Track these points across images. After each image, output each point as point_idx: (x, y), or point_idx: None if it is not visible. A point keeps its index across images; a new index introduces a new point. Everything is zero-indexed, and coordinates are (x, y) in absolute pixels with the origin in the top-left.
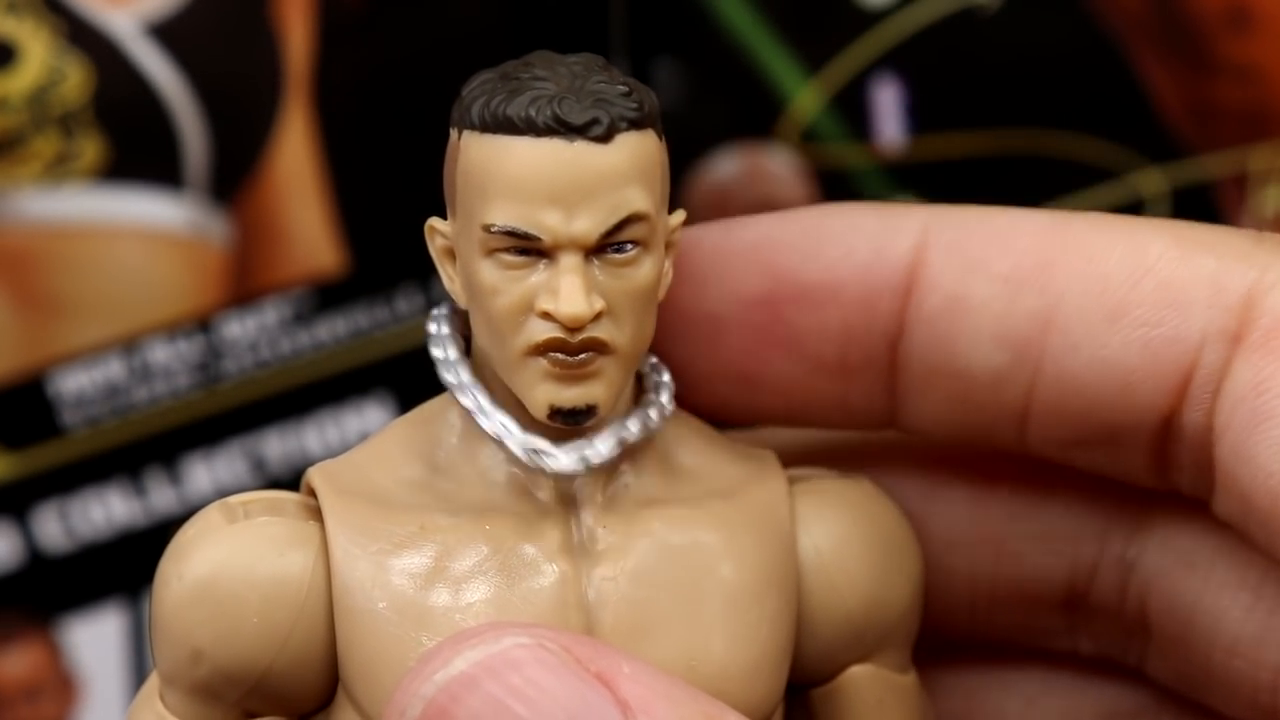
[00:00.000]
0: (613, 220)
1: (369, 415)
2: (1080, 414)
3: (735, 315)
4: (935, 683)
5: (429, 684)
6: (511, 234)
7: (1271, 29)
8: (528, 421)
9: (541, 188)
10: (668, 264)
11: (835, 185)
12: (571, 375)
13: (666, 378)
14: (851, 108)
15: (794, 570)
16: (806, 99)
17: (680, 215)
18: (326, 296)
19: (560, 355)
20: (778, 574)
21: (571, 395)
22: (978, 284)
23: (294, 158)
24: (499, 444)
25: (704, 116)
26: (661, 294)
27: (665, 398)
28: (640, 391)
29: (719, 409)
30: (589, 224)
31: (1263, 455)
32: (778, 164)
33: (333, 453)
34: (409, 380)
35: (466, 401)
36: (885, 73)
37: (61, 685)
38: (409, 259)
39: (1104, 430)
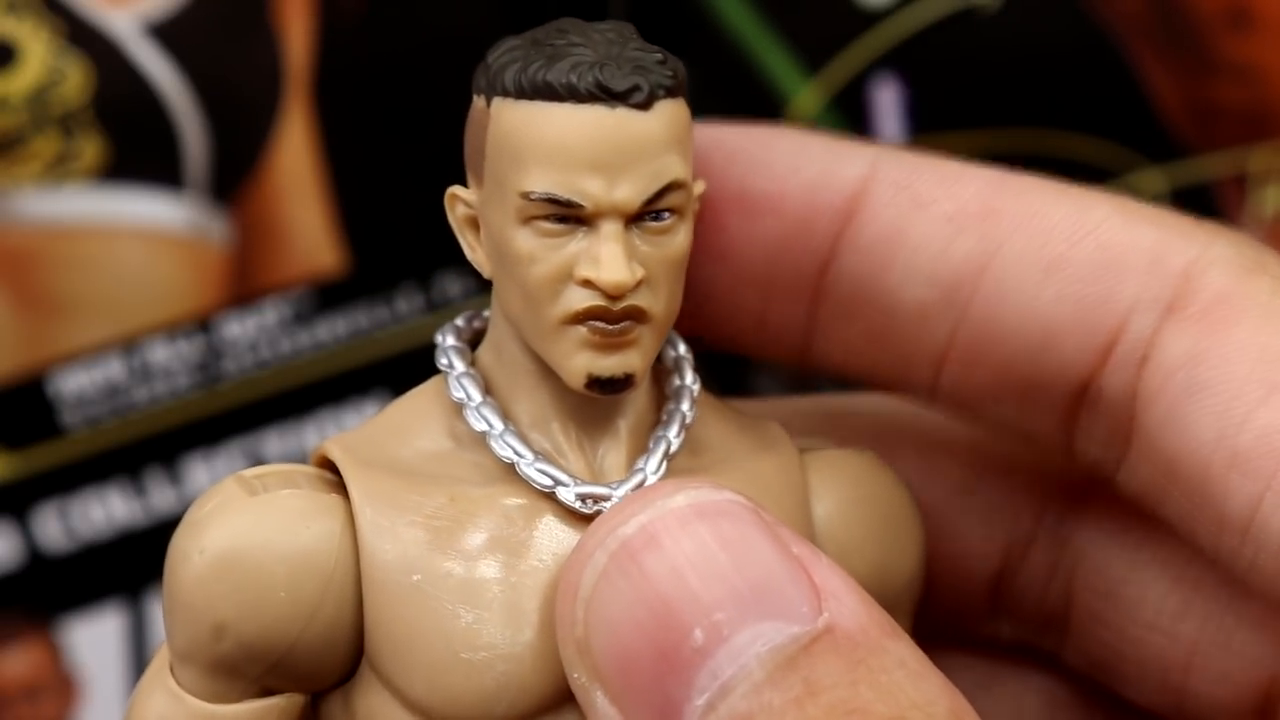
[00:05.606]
0: (654, 188)
1: (369, 415)
2: (1000, 364)
3: None
4: None
5: (648, 509)
6: (552, 201)
7: (1271, 29)
8: (545, 401)
9: (583, 154)
10: None
11: None
12: (610, 344)
13: (683, 349)
14: (851, 108)
15: (811, 537)
16: (806, 99)
17: (701, 185)
18: (326, 296)
19: (600, 324)
20: None
21: (610, 364)
22: (920, 221)
23: (294, 158)
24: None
25: (704, 116)
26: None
27: (690, 378)
28: (656, 363)
29: None
30: (631, 191)
31: (1197, 424)
32: None
33: None
34: (409, 380)
35: (497, 446)
36: (885, 73)
37: (61, 685)
38: (409, 259)
39: (1020, 384)
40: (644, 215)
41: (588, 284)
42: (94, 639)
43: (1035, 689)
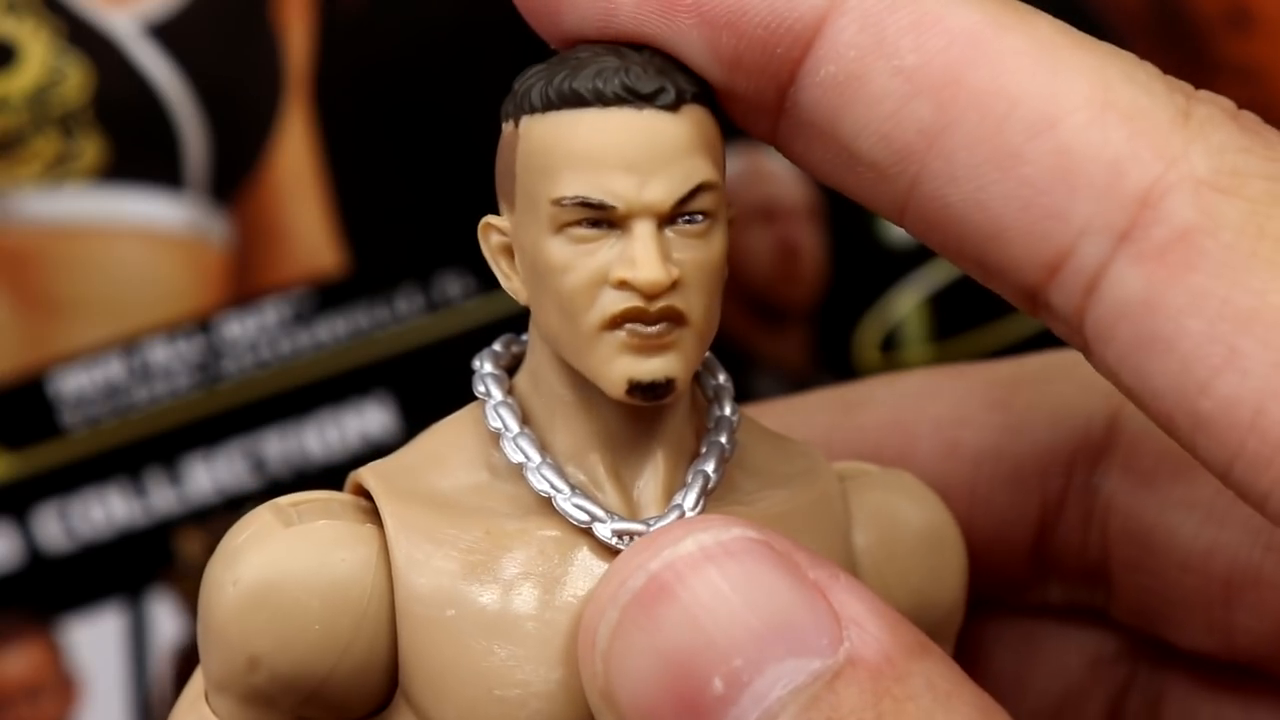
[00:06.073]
0: (686, 187)
1: (369, 415)
2: (954, 239)
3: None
4: None
5: (657, 558)
6: (584, 204)
7: (1271, 29)
8: (585, 434)
9: (613, 156)
10: None
11: None
12: (650, 346)
13: (723, 378)
14: None
15: (851, 567)
16: None
17: (732, 210)
18: (326, 296)
19: (638, 326)
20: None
21: (651, 368)
22: (877, 72)
23: (294, 158)
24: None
25: None
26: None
27: (730, 409)
28: (698, 390)
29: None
30: (663, 191)
31: (1154, 381)
32: (778, 164)
33: (332, 453)
34: (409, 380)
35: (517, 458)
36: None
37: (61, 685)
38: (409, 259)
39: (976, 261)
40: (677, 217)
41: (623, 285)
42: (94, 639)
43: (1080, 645)
